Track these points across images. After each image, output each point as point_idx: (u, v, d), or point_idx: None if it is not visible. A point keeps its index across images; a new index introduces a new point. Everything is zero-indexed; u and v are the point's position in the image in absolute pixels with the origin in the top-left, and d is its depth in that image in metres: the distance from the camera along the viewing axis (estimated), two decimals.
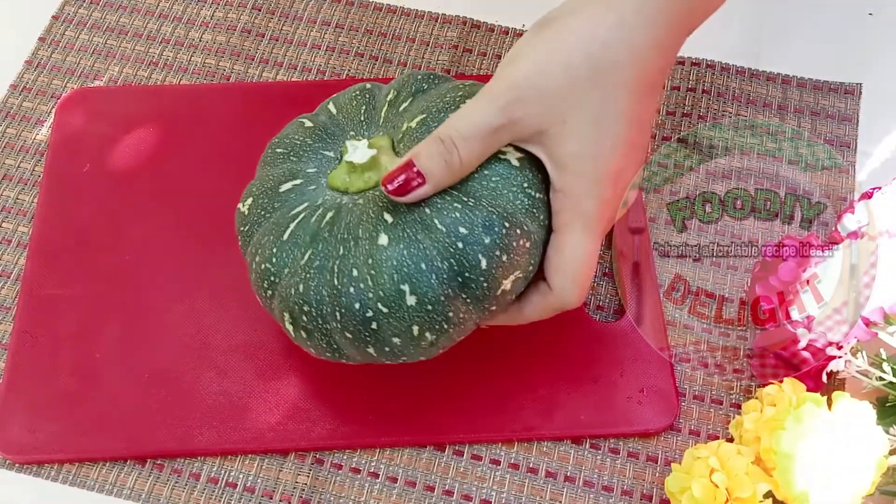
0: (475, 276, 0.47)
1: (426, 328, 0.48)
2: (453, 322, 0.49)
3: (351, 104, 0.54)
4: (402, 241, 0.47)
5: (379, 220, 0.48)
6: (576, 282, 0.50)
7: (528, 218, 0.49)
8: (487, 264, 0.47)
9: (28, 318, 0.59)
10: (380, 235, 0.48)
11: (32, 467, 0.56)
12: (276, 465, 0.56)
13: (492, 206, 0.48)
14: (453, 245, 0.47)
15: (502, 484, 0.56)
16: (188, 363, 0.58)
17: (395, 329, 0.48)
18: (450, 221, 0.47)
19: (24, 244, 0.63)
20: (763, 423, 0.51)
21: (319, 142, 0.53)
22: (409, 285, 0.47)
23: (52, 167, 0.65)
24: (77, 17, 0.73)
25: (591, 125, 0.47)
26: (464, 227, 0.47)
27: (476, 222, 0.47)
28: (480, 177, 0.48)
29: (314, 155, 0.53)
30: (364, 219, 0.48)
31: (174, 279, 0.61)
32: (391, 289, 0.47)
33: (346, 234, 0.49)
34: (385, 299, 0.47)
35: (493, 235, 0.47)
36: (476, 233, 0.47)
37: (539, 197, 0.49)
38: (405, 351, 0.50)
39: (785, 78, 0.70)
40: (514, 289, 0.50)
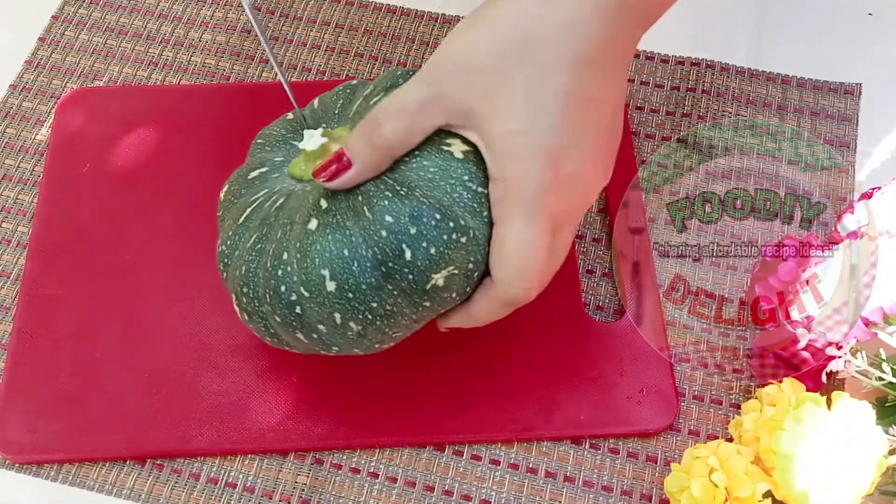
0: (398, 266, 0.46)
1: (348, 317, 0.47)
2: (379, 314, 0.47)
3: (331, 98, 0.54)
4: (329, 226, 0.47)
5: (315, 206, 0.48)
6: (520, 273, 0.47)
7: (466, 212, 0.47)
8: (412, 255, 0.46)
9: (28, 317, 0.59)
10: (311, 220, 0.47)
11: (32, 467, 0.56)
12: (276, 465, 0.56)
13: (424, 197, 0.46)
14: (377, 233, 0.46)
15: (502, 484, 0.56)
16: (188, 363, 0.58)
17: (317, 315, 0.48)
18: (378, 209, 0.46)
19: (24, 244, 0.63)
20: (762, 423, 0.51)
21: (292, 132, 0.54)
22: (329, 270, 0.46)
23: (52, 167, 0.65)
24: (77, 16, 0.73)
25: (522, 102, 0.45)
26: (390, 216, 0.46)
27: (403, 211, 0.46)
28: (419, 167, 0.47)
29: (284, 145, 0.53)
30: (304, 204, 0.49)
31: (174, 279, 0.61)
32: (313, 273, 0.47)
33: (286, 219, 0.49)
34: (306, 283, 0.47)
35: (419, 226, 0.46)
36: (402, 222, 0.46)
37: (482, 192, 0.47)
38: (334, 340, 0.49)
39: (785, 78, 0.70)
40: (451, 286, 0.48)
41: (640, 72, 0.70)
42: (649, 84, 0.70)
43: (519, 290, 0.48)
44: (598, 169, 0.48)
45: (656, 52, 0.71)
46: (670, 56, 0.71)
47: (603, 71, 0.46)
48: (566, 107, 0.45)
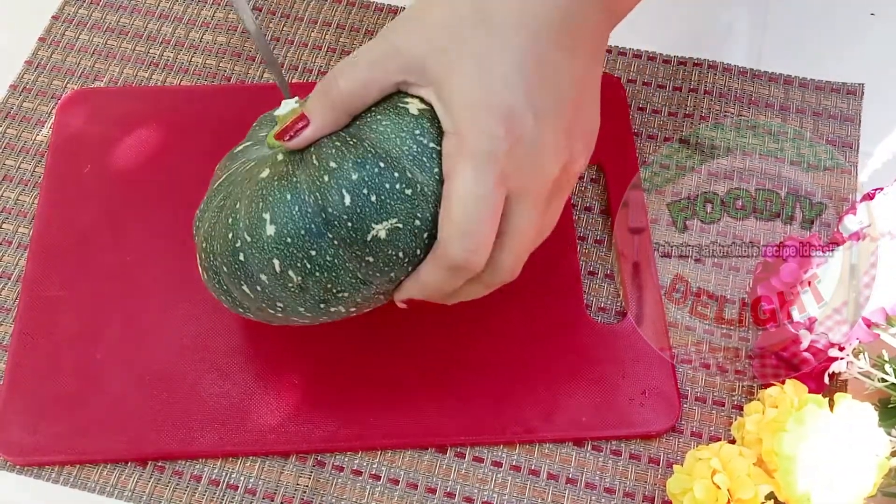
0: (338, 212, 0.46)
1: (287, 264, 0.47)
2: (318, 263, 0.47)
3: None
4: (277, 174, 0.47)
5: (272, 158, 0.49)
6: (461, 231, 0.45)
7: (414, 165, 0.46)
8: (351, 201, 0.46)
9: (29, 319, 0.59)
10: (263, 170, 0.48)
11: (33, 469, 0.56)
12: (278, 467, 0.56)
13: (372, 147, 0.46)
14: (320, 178, 0.46)
15: (504, 486, 0.56)
16: (189, 365, 0.58)
17: (258, 262, 0.48)
18: (324, 156, 0.46)
19: (25, 245, 0.63)
20: (765, 425, 0.51)
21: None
22: (269, 213, 0.47)
23: (53, 168, 0.65)
24: (77, 17, 0.73)
25: (476, 59, 0.45)
26: (334, 162, 0.46)
27: (347, 157, 0.46)
28: (373, 120, 0.47)
29: (269, 122, 0.53)
30: (265, 161, 0.49)
31: (175, 280, 0.61)
32: (255, 216, 0.47)
33: (247, 177, 0.49)
34: (249, 228, 0.47)
35: (361, 172, 0.46)
36: (345, 167, 0.46)
37: (434, 147, 0.46)
38: (276, 293, 0.48)
39: (787, 78, 0.70)
40: (395, 241, 0.46)
41: (641, 72, 0.70)
42: (651, 85, 0.70)
43: (459, 250, 0.45)
44: (559, 139, 0.47)
45: (658, 52, 0.71)
46: (672, 57, 0.71)
47: (562, 47, 0.46)
48: (521, 66, 0.45)
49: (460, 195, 0.45)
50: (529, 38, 0.45)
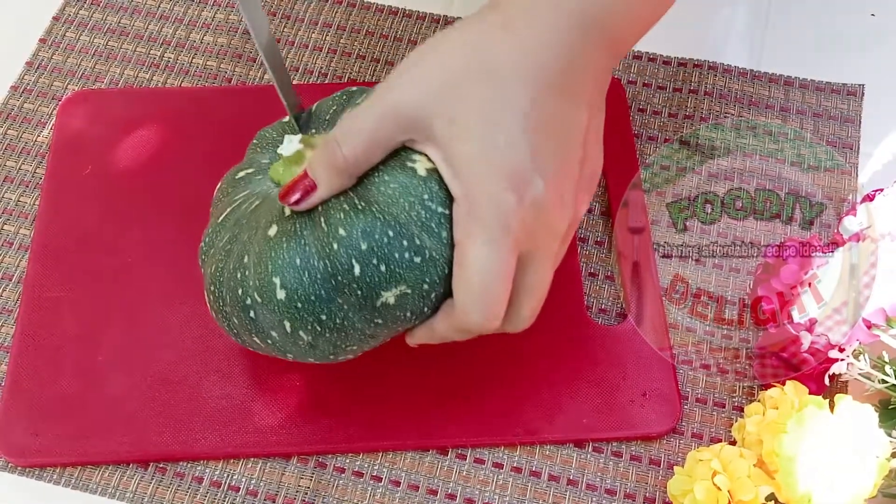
0: (348, 281, 0.46)
1: (297, 326, 0.48)
2: (328, 326, 0.47)
3: (326, 104, 0.53)
4: (286, 234, 0.47)
5: (279, 213, 0.48)
6: (479, 298, 0.45)
7: (423, 231, 0.46)
8: (361, 271, 0.46)
9: (30, 320, 0.59)
10: (272, 226, 0.48)
11: (35, 470, 0.56)
12: (279, 469, 0.56)
13: (381, 213, 0.46)
14: (329, 245, 0.46)
15: (505, 487, 0.56)
16: (191, 366, 0.58)
17: (269, 321, 0.48)
18: (333, 222, 0.46)
19: (26, 247, 0.63)
20: (765, 426, 0.51)
21: (282, 136, 0.53)
22: (280, 278, 0.47)
23: (54, 169, 0.65)
24: (78, 18, 0.73)
25: (480, 121, 0.44)
26: (343, 229, 0.46)
27: (357, 226, 0.46)
28: (381, 182, 0.47)
29: (272, 148, 0.53)
30: (271, 209, 0.49)
31: (176, 281, 0.61)
32: (265, 279, 0.47)
33: (254, 222, 0.49)
34: (259, 289, 0.47)
35: (371, 242, 0.46)
36: (354, 236, 0.46)
37: (442, 212, 0.46)
38: (287, 347, 0.49)
39: (787, 79, 0.70)
40: (404, 305, 0.47)
41: (642, 73, 0.70)
42: (651, 86, 0.70)
43: (478, 317, 0.46)
44: (566, 198, 0.47)
45: (658, 53, 0.71)
46: (672, 58, 0.71)
47: (565, 97, 0.45)
48: (525, 126, 0.44)
49: (476, 265, 0.45)
50: (534, 90, 0.44)
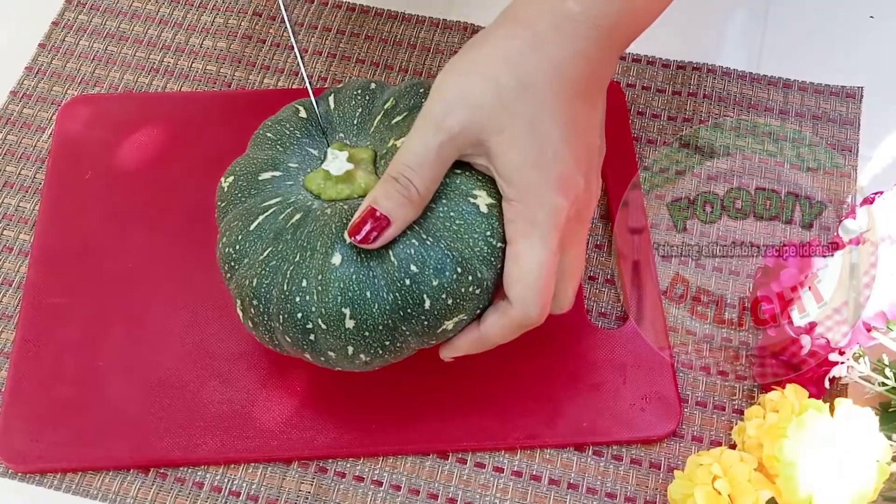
0: (417, 313, 0.48)
1: (361, 350, 0.49)
2: (389, 350, 0.50)
3: (349, 103, 0.54)
4: (353, 264, 0.48)
5: (338, 238, 0.48)
6: (537, 292, 0.49)
7: (483, 265, 0.49)
8: (431, 305, 0.48)
9: (30, 326, 0.59)
10: (334, 254, 0.48)
11: (35, 476, 0.56)
12: (280, 474, 0.56)
13: (448, 249, 0.48)
14: (401, 280, 0.48)
15: (505, 491, 0.56)
16: (191, 371, 0.58)
17: (331, 344, 0.49)
18: (403, 256, 0.48)
19: (26, 252, 0.63)
20: (766, 430, 0.51)
21: (307, 137, 0.54)
22: (350, 309, 0.48)
23: (54, 174, 0.65)
24: (77, 23, 0.73)
25: (528, 133, 0.47)
26: (415, 265, 0.47)
27: (428, 262, 0.48)
28: (445, 217, 0.48)
29: (299, 150, 0.53)
30: (325, 231, 0.49)
31: (177, 287, 0.61)
32: (333, 308, 0.48)
33: (305, 242, 0.49)
34: (325, 317, 0.48)
35: (442, 279, 0.48)
36: (426, 273, 0.48)
37: (500, 247, 0.49)
38: (339, 363, 0.51)
39: (786, 82, 0.70)
40: (456, 329, 0.50)
41: (640, 76, 0.70)
42: (650, 89, 0.70)
43: (535, 308, 0.49)
44: (593, 189, 0.51)
45: (657, 56, 0.71)
46: (671, 61, 0.71)
47: (589, 99, 0.50)
48: (566, 136, 0.48)
49: (532, 261, 0.48)
50: (566, 102, 0.48)
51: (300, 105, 0.55)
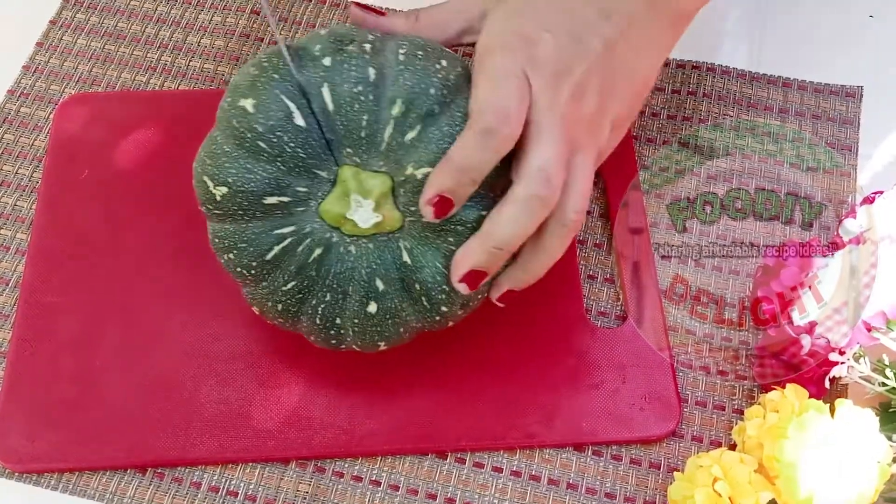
0: (437, 328, 0.54)
1: (385, 345, 0.53)
2: (406, 340, 0.54)
3: (351, 106, 0.47)
4: (388, 312, 0.51)
5: (371, 287, 0.50)
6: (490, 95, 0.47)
7: None
8: (453, 324, 0.54)
9: (27, 325, 0.59)
10: (370, 303, 0.50)
11: (32, 476, 0.56)
12: (278, 474, 0.56)
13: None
14: (433, 318, 0.52)
15: (504, 491, 0.56)
16: (189, 371, 0.58)
17: (359, 345, 0.53)
18: (436, 302, 0.51)
19: (23, 251, 0.63)
20: (766, 431, 0.51)
21: (313, 157, 0.48)
22: (385, 343, 0.53)
23: (51, 173, 0.65)
24: (75, 21, 0.73)
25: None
26: (446, 307, 0.51)
27: (457, 302, 0.51)
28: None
29: (306, 172, 0.48)
30: (355, 276, 0.50)
31: (174, 286, 0.60)
32: (369, 342, 0.52)
33: (334, 284, 0.50)
34: (363, 346, 0.53)
35: (467, 310, 0.53)
36: (455, 311, 0.52)
37: None
38: (355, 346, 0.54)
39: (786, 81, 0.70)
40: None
41: None
42: None
43: (491, 117, 0.46)
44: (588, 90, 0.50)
45: None
46: (671, 59, 0.71)
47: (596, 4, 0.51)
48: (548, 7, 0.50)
49: (489, 73, 0.47)
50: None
51: (290, 101, 0.47)
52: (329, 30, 0.50)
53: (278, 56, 0.48)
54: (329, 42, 0.48)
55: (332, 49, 0.48)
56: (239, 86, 0.49)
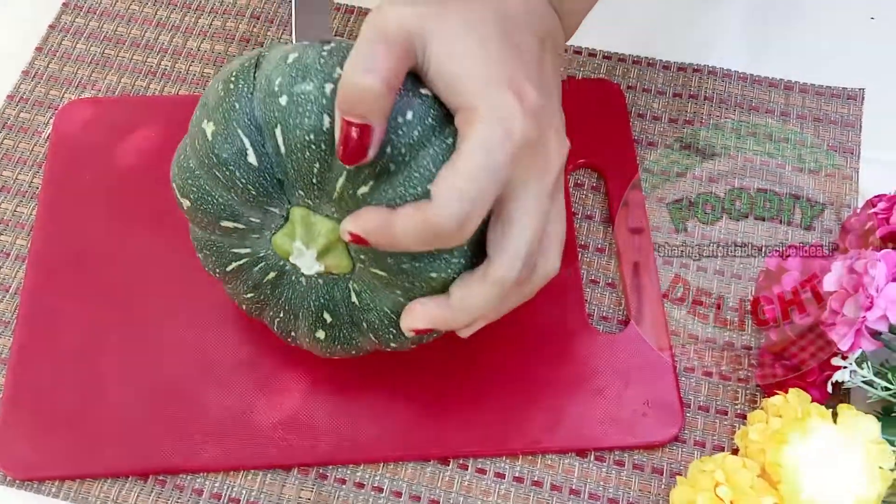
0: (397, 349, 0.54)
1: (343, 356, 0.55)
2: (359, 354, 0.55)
3: (303, 153, 0.45)
4: (337, 339, 0.52)
5: (319, 318, 0.52)
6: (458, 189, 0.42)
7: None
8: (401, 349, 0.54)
9: (28, 332, 0.59)
10: (318, 331, 0.52)
11: (33, 483, 0.56)
12: (280, 481, 0.56)
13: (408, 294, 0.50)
14: (385, 342, 0.52)
15: (507, 497, 0.55)
16: (190, 378, 0.58)
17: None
18: (383, 336, 0.51)
19: (23, 257, 0.63)
20: (768, 436, 0.51)
21: (264, 195, 0.48)
22: (340, 356, 0.54)
23: (51, 178, 0.65)
24: (74, 26, 0.72)
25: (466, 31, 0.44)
26: (395, 342, 0.52)
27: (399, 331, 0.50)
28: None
29: (258, 207, 0.48)
30: (304, 305, 0.52)
31: (176, 292, 0.60)
32: (324, 354, 0.54)
33: (286, 306, 0.52)
34: (312, 350, 0.54)
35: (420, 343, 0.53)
36: (401, 337, 0.51)
37: None
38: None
39: (787, 83, 0.70)
40: None
41: (641, 78, 0.70)
42: (651, 91, 0.70)
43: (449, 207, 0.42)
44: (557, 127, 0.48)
45: (657, 58, 0.71)
46: (672, 62, 0.71)
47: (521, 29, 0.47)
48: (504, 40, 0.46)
49: (466, 162, 0.42)
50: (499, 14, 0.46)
51: (245, 137, 0.46)
52: (296, 55, 0.46)
53: (245, 77, 0.47)
54: (290, 76, 0.45)
55: (289, 84, 0.45)
56: (207, 102, 0.48)
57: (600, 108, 0.68)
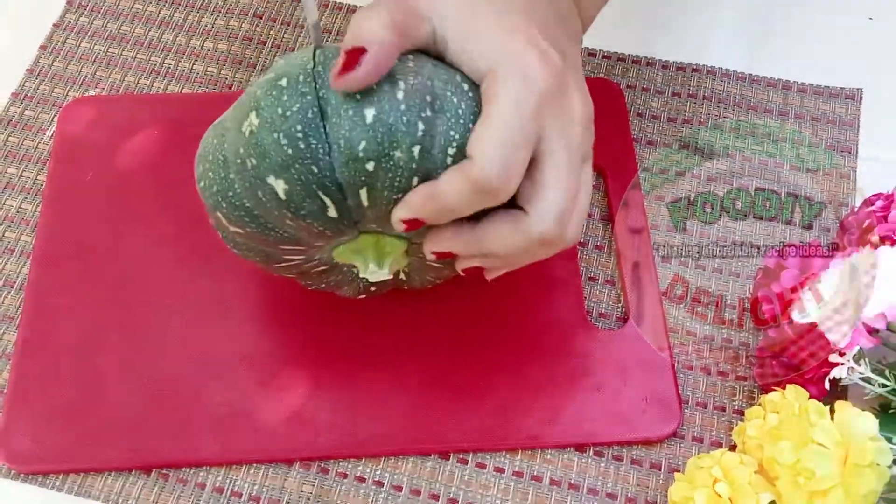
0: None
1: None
2: None
3: (387, 203, 0.46)
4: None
5: (364, 290, 0.57)
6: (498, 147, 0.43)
7: None
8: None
9: (32, 327, 0.59)
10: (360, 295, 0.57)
11: (37, 477, 0.56)
12: (282, 475, 0.56)
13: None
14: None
15: (507, 492, 0.56)
16: (192, 372, 0.58)
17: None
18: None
19: (28, 254, 0.63)
20: (766, 433, 0.51)
21: (337, 235, 0.49)
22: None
23: (55, 176, 0.65)
24: (78, 25, 0.73)
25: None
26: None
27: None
28: None
29: (327, 242, 0.50)
30: (351, 283, 0.56)
31: (178, 288, 0.61)
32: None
33: (333, 285, 0.56)
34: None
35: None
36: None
37: None
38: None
39: (785, 83, 0.70)
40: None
41: (640, 78, 0.70)
42: (650, 90, 0.70)
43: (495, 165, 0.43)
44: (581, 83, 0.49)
45: (656, 58, 0.71)
46: (671, 62, 0.71)
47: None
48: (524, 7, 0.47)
49: (498, 120, 0.43)
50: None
51: (326, 196, 0.45)
52: (374, 112, 0.44)
53: (315, 133, 0.44)
54: (376, 141, 0.44)
55: (375, 151, 0.44)
56: (266, 153, 0.45)
57: (600, 107, 0.67)
